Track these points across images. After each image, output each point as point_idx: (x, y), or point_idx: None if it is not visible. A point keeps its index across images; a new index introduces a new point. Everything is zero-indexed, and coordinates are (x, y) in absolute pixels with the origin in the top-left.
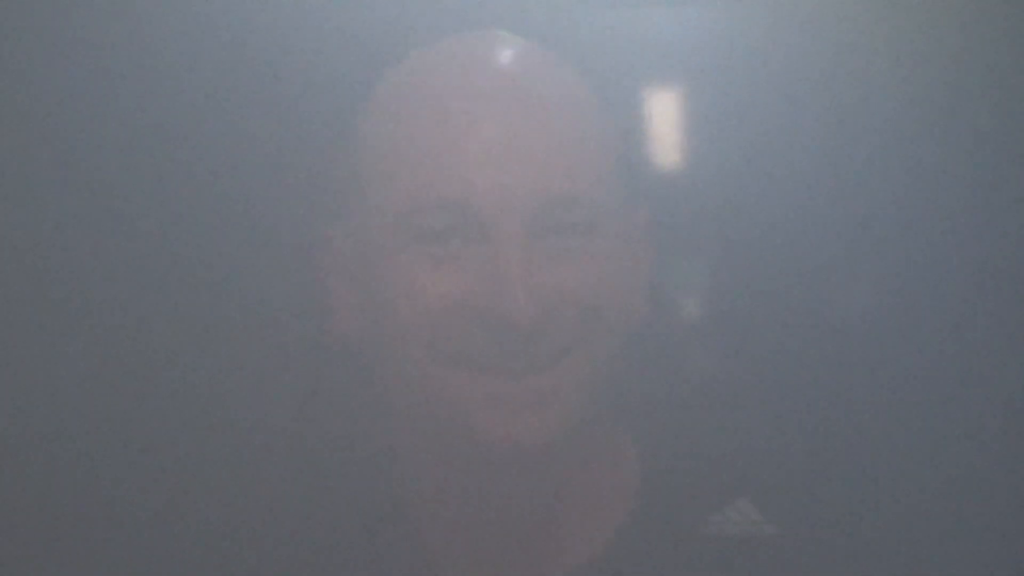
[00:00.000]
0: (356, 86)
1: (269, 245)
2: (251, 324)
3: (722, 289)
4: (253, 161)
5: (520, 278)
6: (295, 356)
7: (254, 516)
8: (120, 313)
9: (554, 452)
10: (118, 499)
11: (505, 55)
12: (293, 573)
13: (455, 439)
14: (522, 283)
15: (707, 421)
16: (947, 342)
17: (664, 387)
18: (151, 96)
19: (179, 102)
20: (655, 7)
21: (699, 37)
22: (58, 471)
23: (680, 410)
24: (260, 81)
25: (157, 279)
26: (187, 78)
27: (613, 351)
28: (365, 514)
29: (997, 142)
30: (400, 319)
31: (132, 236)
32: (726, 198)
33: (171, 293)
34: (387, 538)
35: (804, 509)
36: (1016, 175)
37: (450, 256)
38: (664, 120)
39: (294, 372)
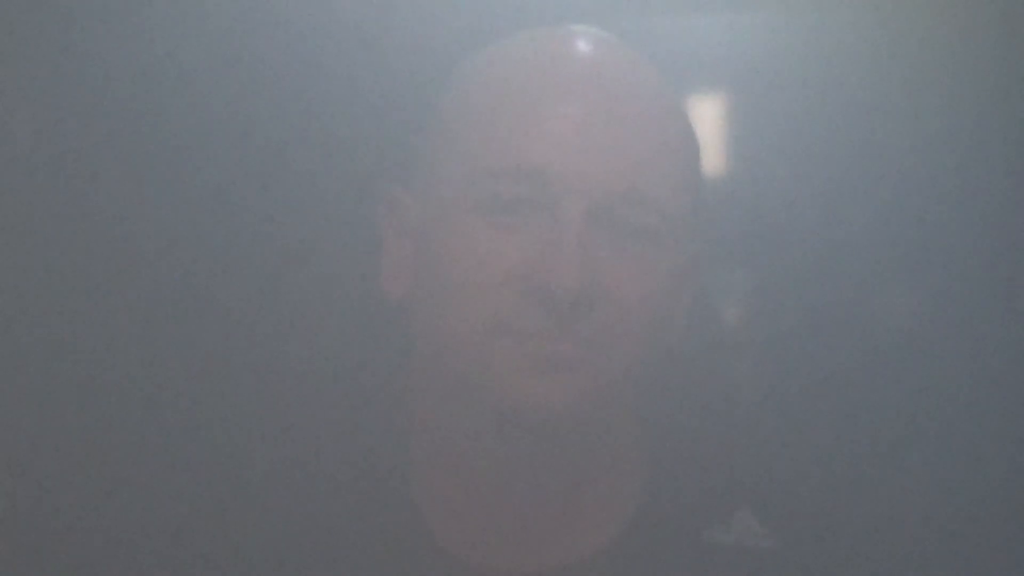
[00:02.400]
0: (437, 64)
1: (323, 203)
2: (298, 280)
3: (740, 304)
4: (321, 120)
5: (576, 256)
6: (339, 311)
7: (282, 466)
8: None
9: (574, 426)
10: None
11: (596, 46)
12: (309, 536)
13: (479, 398)
14: (576, 259)
15: (714, 431)
16: (959, 361)
17: (677, 395)
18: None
19: (245, 59)
20: (706, 14)
21: (744, 46)
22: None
23: (688, 418)
24: (340, 45)
25: (205, 227)
26: (252, 38)
27: (642, 356)
28: (386, 478)
29: None
30: (451, 281)
31: (195, 185)
32: (762, 212)
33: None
34: (405, 503)
35: (805, 523)
36: None
37: (511, 225)
38: (707, 130)
39: (336, 328)
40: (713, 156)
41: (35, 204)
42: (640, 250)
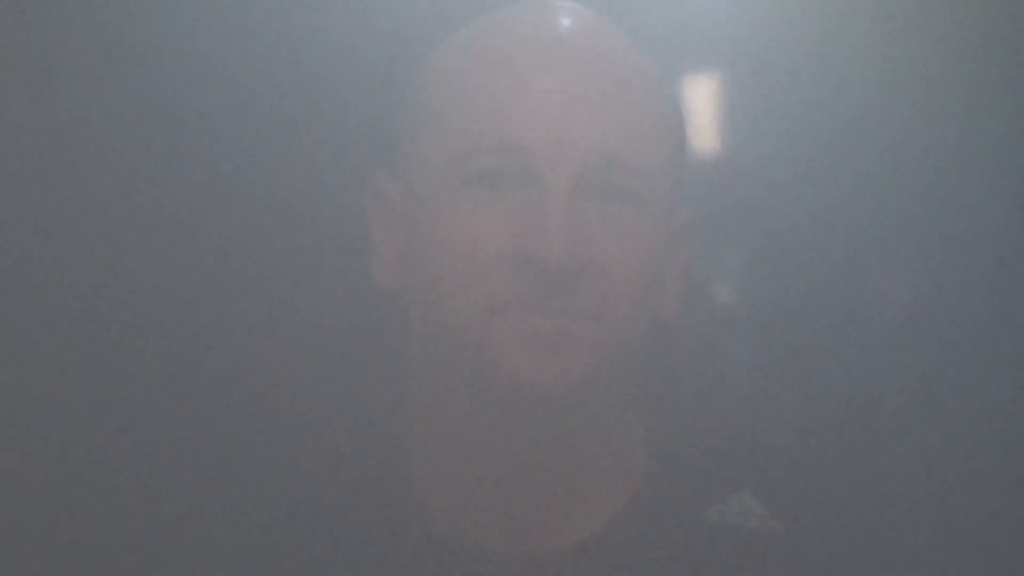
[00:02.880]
0: (414, 41)
1: (310, 194)
2: (288, 273)
3: (739, 283)
4: (302, 110)
5: (563, 225)
6: (331, 303)
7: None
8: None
9: (573, 403)
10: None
11: (574, 20)
12: (307, 521)
13: (478, 379)
14: (565, 230)
15: (716, 412)
16: (961, 345)
17: (676, 375)
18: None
19: (224, 50)
20: None
21: (734, 20)
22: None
23: (690, 398)
24: (313, 30)
25: (189, 225)
26: (234, 28)
27: (637, 327)
28: (382, 462)
29: None
30: (442, 264)
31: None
32: (756, 190)
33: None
34: (405, 488)
35: (806, 505)
36: None
37: (497, 201)
38: (697, 105)
39: (329, 318)
40: (708, 132)
41: (18, 198)
42: (627, 216)
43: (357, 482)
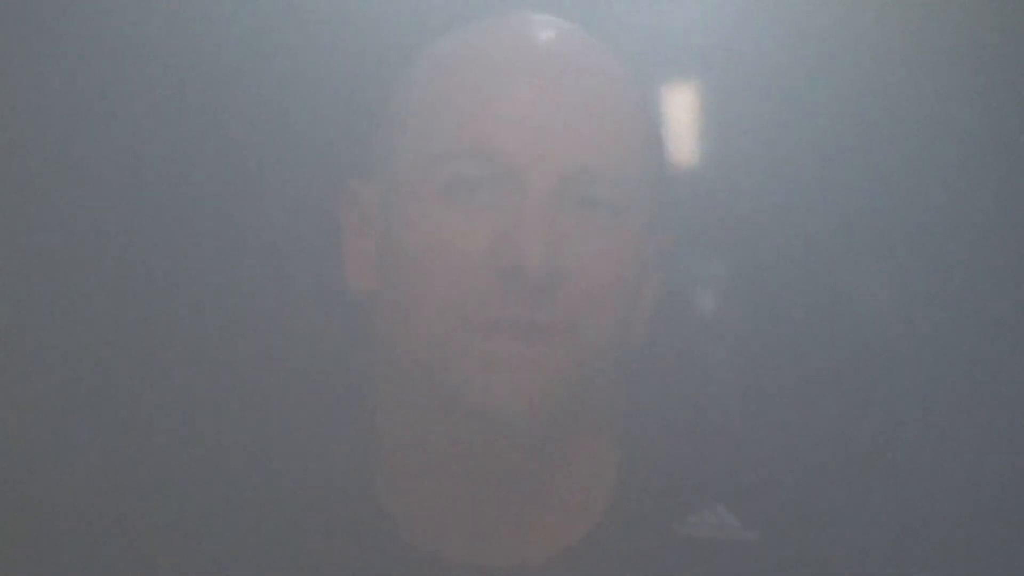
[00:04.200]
0: (391, 48)
1: (282, 200)
2: (260, 283)
3: (715, 294)
4: (278, 114)
5: (542, 233)
6: (302, 309)
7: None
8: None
9: (540, 425)
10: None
11: (553, 32)
12: (272, 535)
13: (446, 401)
14: (543, 238)
15: (689, 424)
16: (947, 357)
17: (649, 388)
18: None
19: (201, 49)
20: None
21: (714, 30)
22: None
23: (663, 411)
24: (290, 35)
25: (162, 227)
26: (212, 29)
27: (613, 340)
28: (350, 475)
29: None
30: (418, 270)
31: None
32: (735, 201)
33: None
34: (367, 496)
35: (779, 516)
36: None
37: (474, 207)
38: (678, 115)
39: (299, 325)
40: (687, 143)
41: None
42: (604, 227)
43: (324, 495)
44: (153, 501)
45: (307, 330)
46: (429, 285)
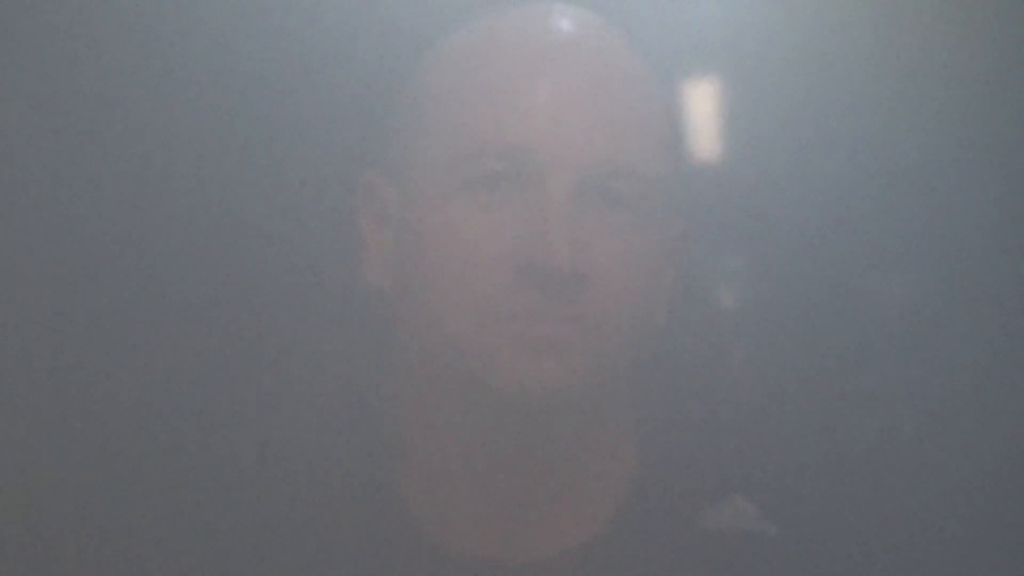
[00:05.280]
0: (406, 41)
1: (299, 192)
2: (276, 276)
3: (732, 288)
4: (293, 107)
5: (566, 229)
6: (318, 303)
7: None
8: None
9: (568, 410)
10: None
11: (576, 23)
12: (294, 529)
13: (473, 384)
14: (567, 235)
15: (706, 416)
16: (956, 345)
17: (668, 380)
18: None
19: (218, 46)
20: None
21: (733, 24)
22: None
23: (682, 402)
24: (305, 28)
25: (173, 221)
26: (227, 25)
27: (633, 335)
28: (373, 471)
29: None
30: (439, 266)
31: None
32: (752, 195)
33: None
34: (393, 496)
35: (799, 508)
36: None
37: (498, 204)
38: (696, 108)
39: (316, 319)
40: (704, 137)
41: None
42: (627, 222)
43: (345, 490)
44: (172, 498)
45: (323, 322)
46: (454, 281)
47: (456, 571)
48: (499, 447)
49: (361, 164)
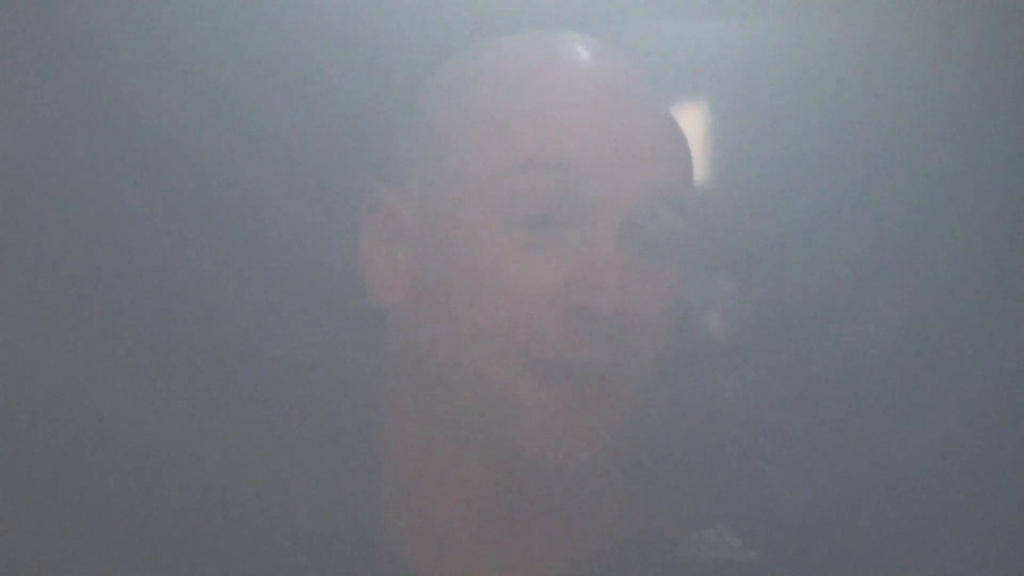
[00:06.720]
0: (418, 64)
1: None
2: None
3: (721, 313)
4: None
5: (615, 275)
6: (316, 318)
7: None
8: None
9: (571, 465)
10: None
11: (598, 51)
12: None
13: (475, 432)
14: (616, 277)
15: (691, 444)
16: (948, 374)
17: (651, 408)
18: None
19: (230, 57)
20: (685, 21)
21: (725, 52)
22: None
23: (665, 429)
24: (317, 39)
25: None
26: (241, 34)
27: (659, 379)
28: (357, 505)
29: None
30: (472, 297)
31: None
32: (745, 218)
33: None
34: (378, 532)
35: (780, 536)
36: None
37: (542, 241)
38: (695, 136)
39: (313, 334)
40: (700, 163)
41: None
42: (665, 260)
43: (328, 520)
44: (161, 513)
45: (323, 339)
46: (482, 314)
47: None
48: (490, 488)
49: (361, 175)
